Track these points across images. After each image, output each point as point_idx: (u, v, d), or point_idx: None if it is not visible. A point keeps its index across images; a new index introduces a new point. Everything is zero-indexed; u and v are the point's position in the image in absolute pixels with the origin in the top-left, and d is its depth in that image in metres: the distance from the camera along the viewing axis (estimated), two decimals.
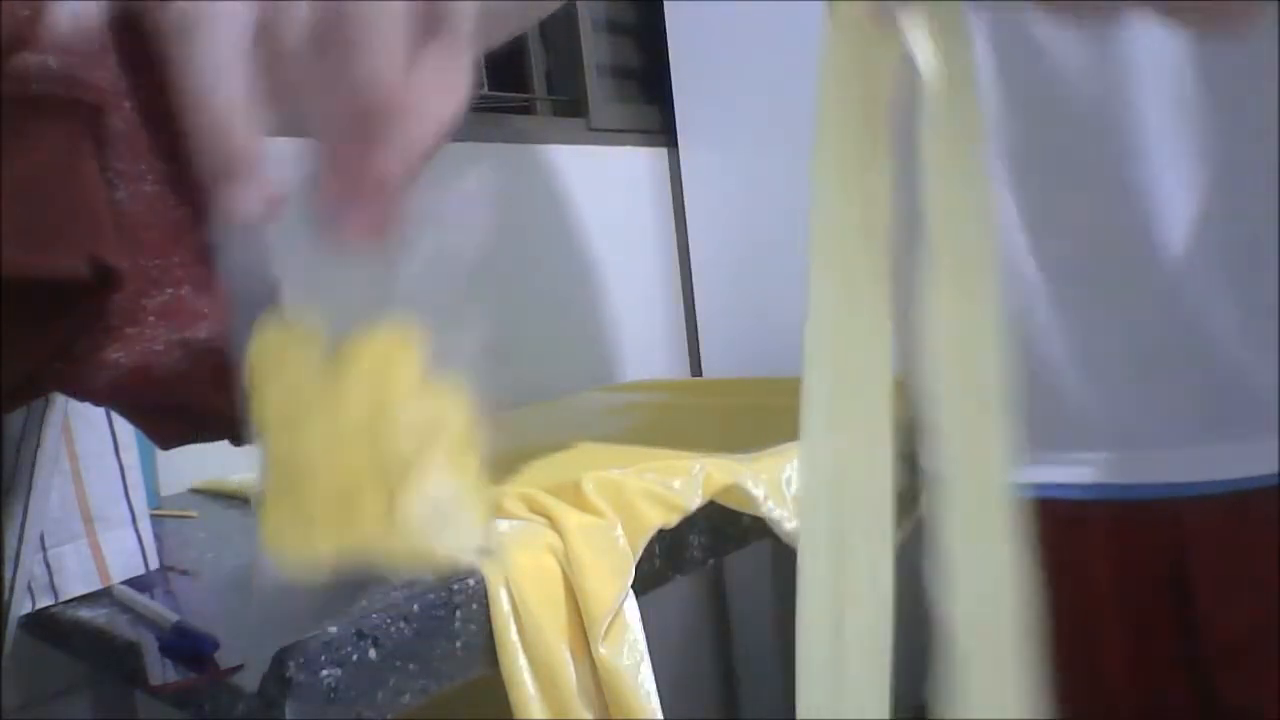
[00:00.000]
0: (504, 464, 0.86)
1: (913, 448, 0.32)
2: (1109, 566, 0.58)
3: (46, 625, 0.64)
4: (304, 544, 0.32)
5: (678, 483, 0.70)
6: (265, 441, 0.32)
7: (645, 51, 1.53)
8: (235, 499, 0.90)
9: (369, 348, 0.31)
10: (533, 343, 1.30)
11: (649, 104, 1.52)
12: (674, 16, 1.44)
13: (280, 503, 0.32)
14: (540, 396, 1.25)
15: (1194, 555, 0.56)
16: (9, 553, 0.55)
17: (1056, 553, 0.61)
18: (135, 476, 0.68)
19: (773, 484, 0.73)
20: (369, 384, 0.31)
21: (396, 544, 0.32)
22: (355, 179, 0.28)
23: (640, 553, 0.65)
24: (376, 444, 0.31)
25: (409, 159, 0.28)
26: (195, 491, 0.96)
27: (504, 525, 0.65)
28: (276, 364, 0.32)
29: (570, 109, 1.44)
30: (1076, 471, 0.58)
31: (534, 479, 0.73)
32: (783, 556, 0.72)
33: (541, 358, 1.32)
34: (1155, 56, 0.50)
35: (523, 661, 0.57)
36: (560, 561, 0.61)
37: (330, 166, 0.28)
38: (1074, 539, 0.59)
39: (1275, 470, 0.51)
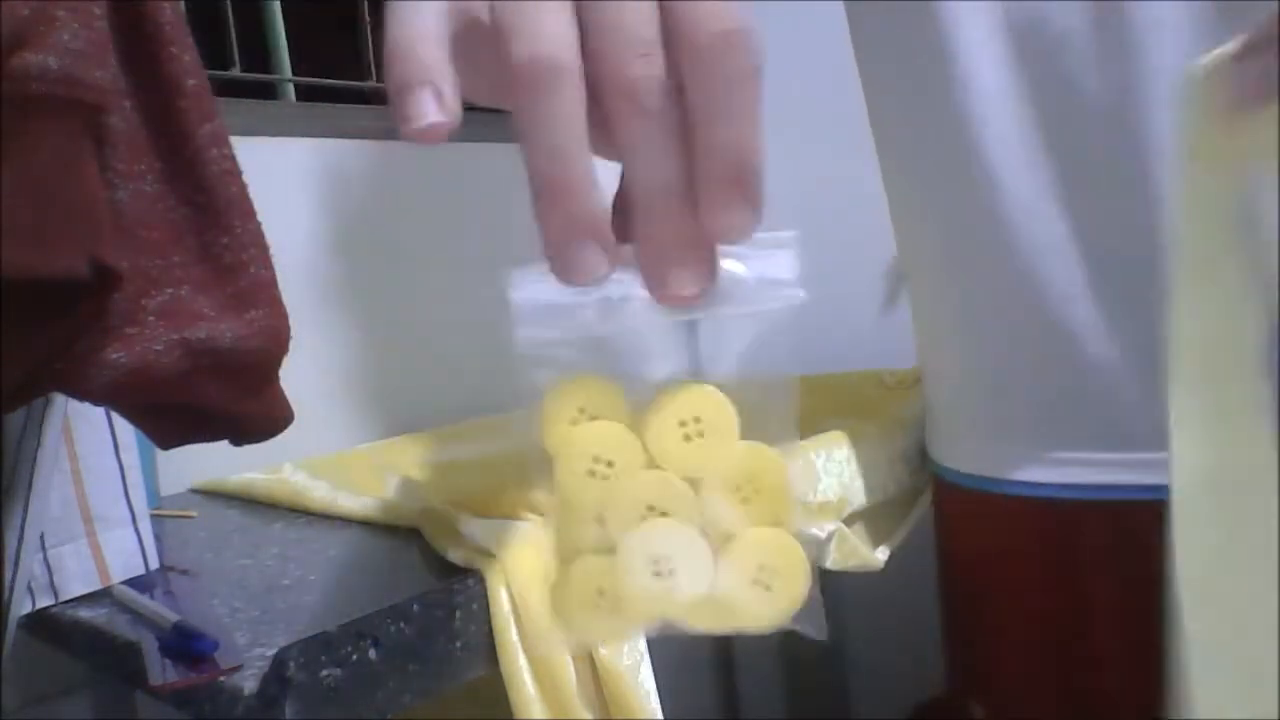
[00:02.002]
0: (504, 465, 0.86)
1: (916, 448, 0.32)
2: (1107, 565, 0.58)
3: (46, 625, 0.64)
4: (615, 614, 0.31)
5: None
6: (565, 508, 0.31)
7: None
8: (235, 499, 0.90)
9: (682, 405, 0.31)
10: None
11: None
12: None
13: (584, 572, 0.31)
14: (541, 397, 1.25)
15: None
16: (9, 553, 0.55)
17: (1057, 553, 0.61)
18: (135, 476, 0.68)
19: None
20: (684, 443, 0.31)
21: (723, 604, 0.31)
22: (694, 237, 0.27)
23: None
24: (696, 504, 0.31)
25: (754, 216, 0.27)
26: (195, 491, 0.96)
27: (504, 525, 0.65)
28: (579, 426, 0.31)
29: None
30: (1076, 471, 0.58)
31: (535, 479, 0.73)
32: None
33: None
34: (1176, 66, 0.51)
35: (523, 661, 0.57)
36: None
37: (667, 224, 0.28)
38: (1072, 538, 0.59)
39: None
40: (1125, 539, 0.57)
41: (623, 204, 0.30)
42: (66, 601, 0.64)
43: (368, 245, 1.17)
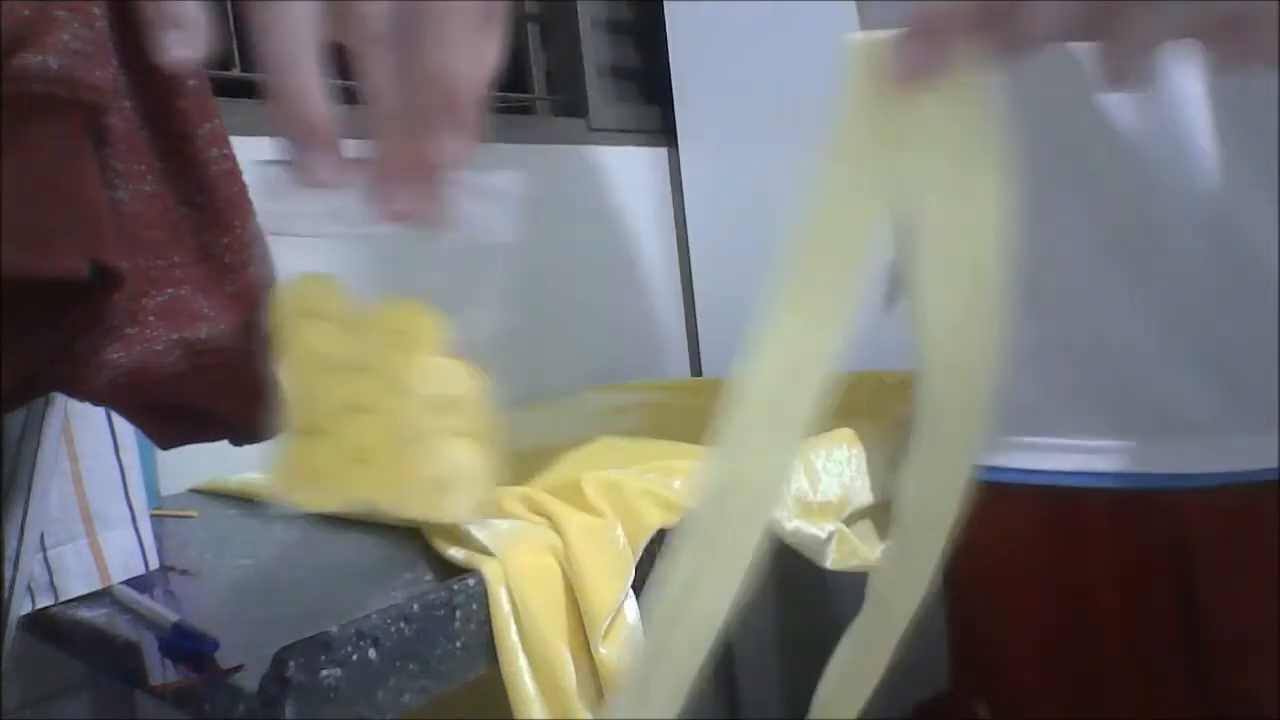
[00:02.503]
0: (505, 464, 0.86)
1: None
2: (1111, 557, 0.58)
3: (46, 625, 0.64)
4: (317, 490, 0.35)
5: (678, 483, 0.70)
6: (288, 390, 0.35)
7: (645, 51, 1.53)
8: (235, 499, 0.90)
9: (393, 316, 0.34)
10: (532, 343, 1.30)
11: (649, 104, 1.52)
12: (674, 16, 1.43)
13: (297, 449, 0.35)
14: (540, 396, 1.25)
15: (1197, 549, 0.55)
16: (9, 553, 0.55)
17: (1058, 540, 0.61)
18: (135, 476, 0.68)
19: None
20: (390, 349, 0.34)
21: (405, 499, 0.35)
22: (412, 159, 0.30)
23: (640, 553, 0.64)
24: (392, 405, 0.34)
25: (465, 143, 0.30)
26: (195, 491, 0.96)
27: (504, 525, 0.65)
28: (303, 320, 0.34)
29: (570, 109, 1.44)
30: (1080, 459, 0.58)
31: (534, 479, 0.73)
32: (782, 556, 0.72)
33: (541, 358, 1.32)
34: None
35: (523, 661, 0.57)
36: (560, 561, 0.61)
37: (389, 145, 0.30)
38: (1076, 527, 0.59)
39: (1276, 466, 0.51)
40: (1127, 530, 0.57)
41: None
42: (66, 601, 0.64)
43: (367, 244, 1.17)
